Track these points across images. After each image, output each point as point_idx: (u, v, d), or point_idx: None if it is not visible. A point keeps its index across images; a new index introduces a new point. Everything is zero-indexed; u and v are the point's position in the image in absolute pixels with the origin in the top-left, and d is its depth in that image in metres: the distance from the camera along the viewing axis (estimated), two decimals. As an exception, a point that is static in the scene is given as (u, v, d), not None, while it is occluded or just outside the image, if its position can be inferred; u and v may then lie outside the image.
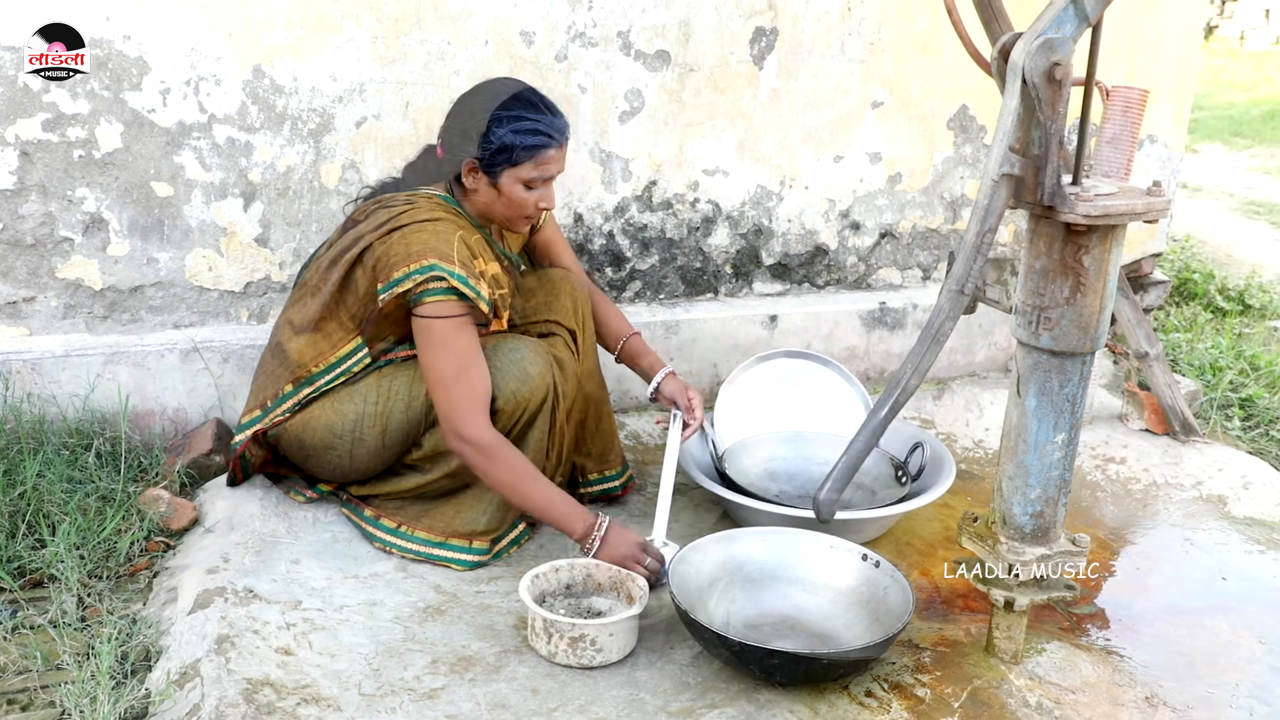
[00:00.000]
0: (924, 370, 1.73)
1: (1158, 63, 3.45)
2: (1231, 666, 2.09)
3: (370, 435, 2.26)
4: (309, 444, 2.30)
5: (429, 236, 2.15)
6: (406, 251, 2.13)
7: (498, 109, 2.18)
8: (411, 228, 2.16)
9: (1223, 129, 8.34)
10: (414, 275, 2.12)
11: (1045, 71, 1.58)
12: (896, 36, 3.14)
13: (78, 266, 2.60)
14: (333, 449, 2.29)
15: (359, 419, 2.26)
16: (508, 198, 2.22)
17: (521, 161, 2.18)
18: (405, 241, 2.14)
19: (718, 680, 1.93)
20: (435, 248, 2.13)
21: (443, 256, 2.13)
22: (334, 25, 2.62)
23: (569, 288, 2.48)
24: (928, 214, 3.36)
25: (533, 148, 2.18)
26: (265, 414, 2.31)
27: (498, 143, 2.17)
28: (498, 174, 2.20)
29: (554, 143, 2.20)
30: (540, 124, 2.19)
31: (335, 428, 2.27)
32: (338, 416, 2.26)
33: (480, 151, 2.18)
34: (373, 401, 2.26)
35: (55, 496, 2.31)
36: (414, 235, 2.15)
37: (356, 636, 2.00)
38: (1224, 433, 3.12)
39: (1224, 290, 4.42)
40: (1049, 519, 1.89)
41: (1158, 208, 1.69)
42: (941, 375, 3.39)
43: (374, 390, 2.26)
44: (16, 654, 1.93)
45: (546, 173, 2.22)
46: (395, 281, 2.13)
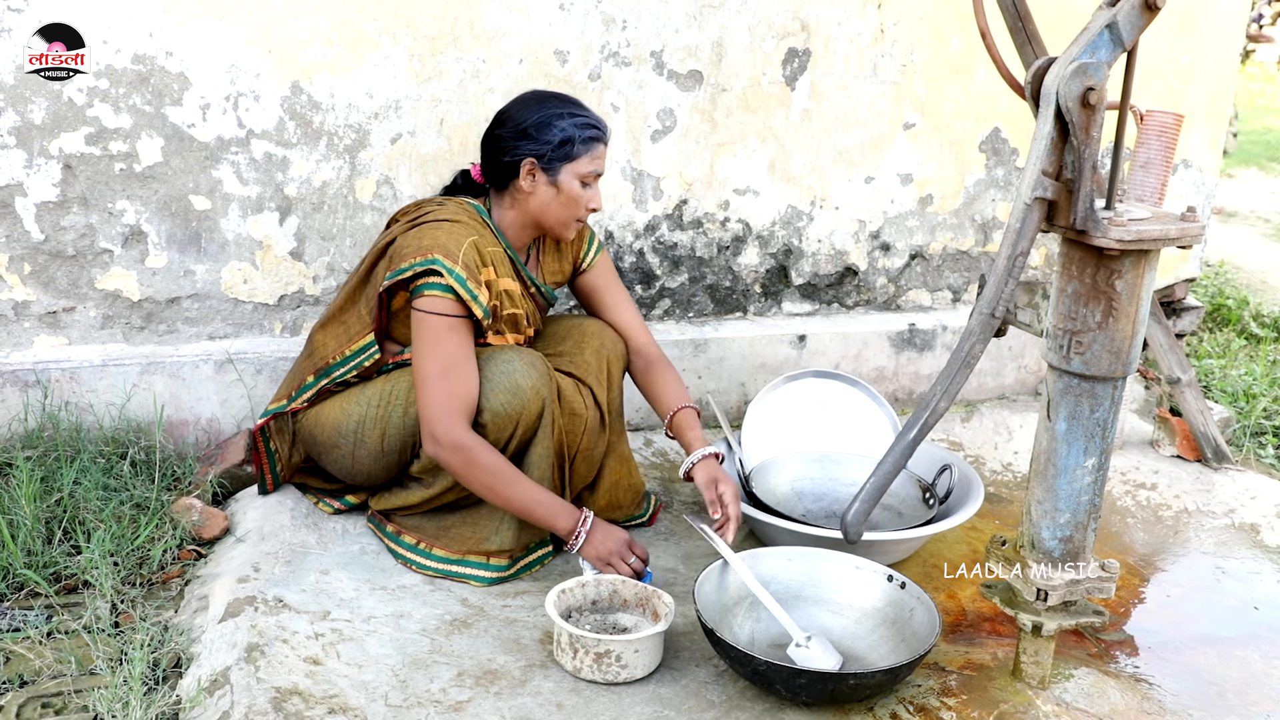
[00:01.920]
0: (954, 393, 1.72)
1: (1193, 87, 3.44)
2: (1264, 698, 2.06)
3: (370, 438, 2.29)
4: (319, 440, 2.35)
5: (442, 234, 2.19)
6: (418, 244, 2.18)
7: (549, 107, 2.24)
8: (430, 224, 2.22)
9: (1258, 154, 8.27)
10: (416, 266, 2.16)
11: (1079, 96, 1.59)
12: (929, 59, 3.14)
13: (116, 277, 2.65)
14: (338, 448, 2.33)
15: (361, 420, 2.29)
16: (566, 195, 2.25)
17: (580, 155, 2.23)
18: (419, 235, 2.20)
19: (742, 699, 1.93)
20: (444, 245, 2.17)
21: (447, 254, 2.16)
22: (371, 43, 2.65)
23: (597, 344, 2.42)
24: (958, 236, 3.36)
25: (589, 140, 2.24)
26: (289, 402, 2.37)
27: (560, 135, 2.21)
28: (557, 170, 2.24)
29: (604, 137, 2.27)
30: (591, 118, 2.26)
31: (341, 427, 2.30)
32: (344, 417, 2.30)
33: (540, 147, 2.22)
34: (375, 405, 2.28)
35: (91, 504, 2.35)
36: (429, 230, 2.20)
37: (384, 648, 2.01)
38: (1257, 460, 3.09)
39: (1258, 316, 4.37)
40: (1078, 544, 1.88)
41: (1191, 233, 1.68)
42: (970, 398, 3.38)
43: (377, 394, 2.29)
44: (51, 658, 1.96)
45: (598, 168, 2.27)
46: (400, 270, 2.18)
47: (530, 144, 2.23)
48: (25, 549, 2.20)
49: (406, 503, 2.34)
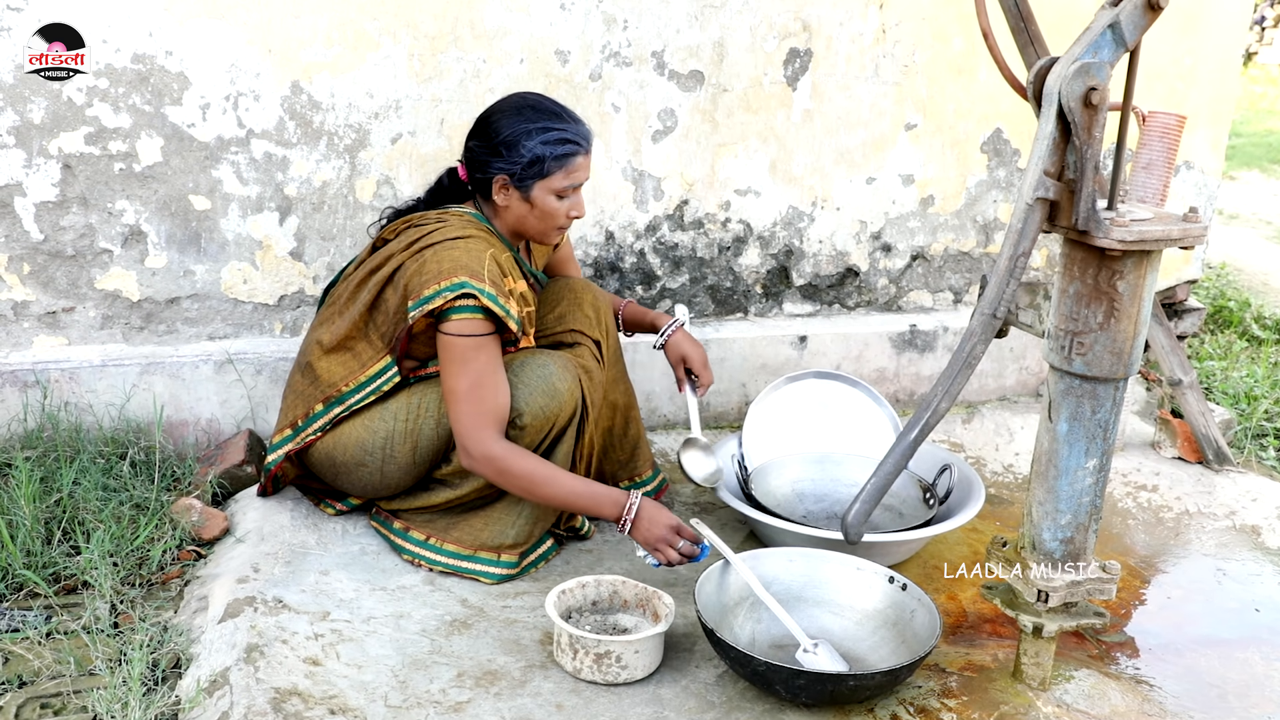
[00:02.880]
0: (954, 393, 1.72)
1: (1195, 88, 3.44)
2: (1264, 700, 2.06)
3: (401, 452, 2.27)
4: (340, 461, 2.31)
5: (460, 254, 2.15)
6: (439, 269, 2.14)
7: (523, 122, 2.20)
8: (443, 245, 2.17)
9: (1260, 156, 8.26)
10: (445, 292, 2.12)
11: (1081, 96, 1.58)
12: (931, 59, 3.14)
13: (116, 278, 2.64)
14: (364, 466, 2.30)
15: (389, 436, 2.27)
16: (541, 210, 2.24)
17: (553, 172, 2.21)
18: (437, 259, 2.15)
19: (743, 700, 1.92)
20: (467, 265, 2.14)
21: (474, 274, 2.13)
22: (372, 43, 2.65)
23: (590, 297, 2.49)
24: (960, 237, 3.36)
25: (562, 157, 2.20)
26: (296, 433, 2.32)
27: (529, 155, 2.19)
28: (529, 187, 2.22)
29: (581, 150, 2.23)
30: (567, 132, 2.21)
31: (366, 445, 2.28)
32: (369, 434, 2.27)
33: (510, 166, 2.20)
34: (403, 419, 2.27)
35: (90, 504, 2.34)
36: (446, 252, 2.16)
37: (383, 648, 2.00)
38: (1258, 462, 3.08)
39: (1260, 318, 4.37)
40: (1079, 545, 1.87)
41: (1193, 234, 1.68)
42: (971, 399, 3.37)
43: (404, 408, 2.27)
44: (50, 658, 1.96)
45: (576, 180, 2.24)
46: (426, 299, 2.13)
47: (501, 162, 2.21)
48: (24, 549, 2.20)
49: (428, 504, 2.33)
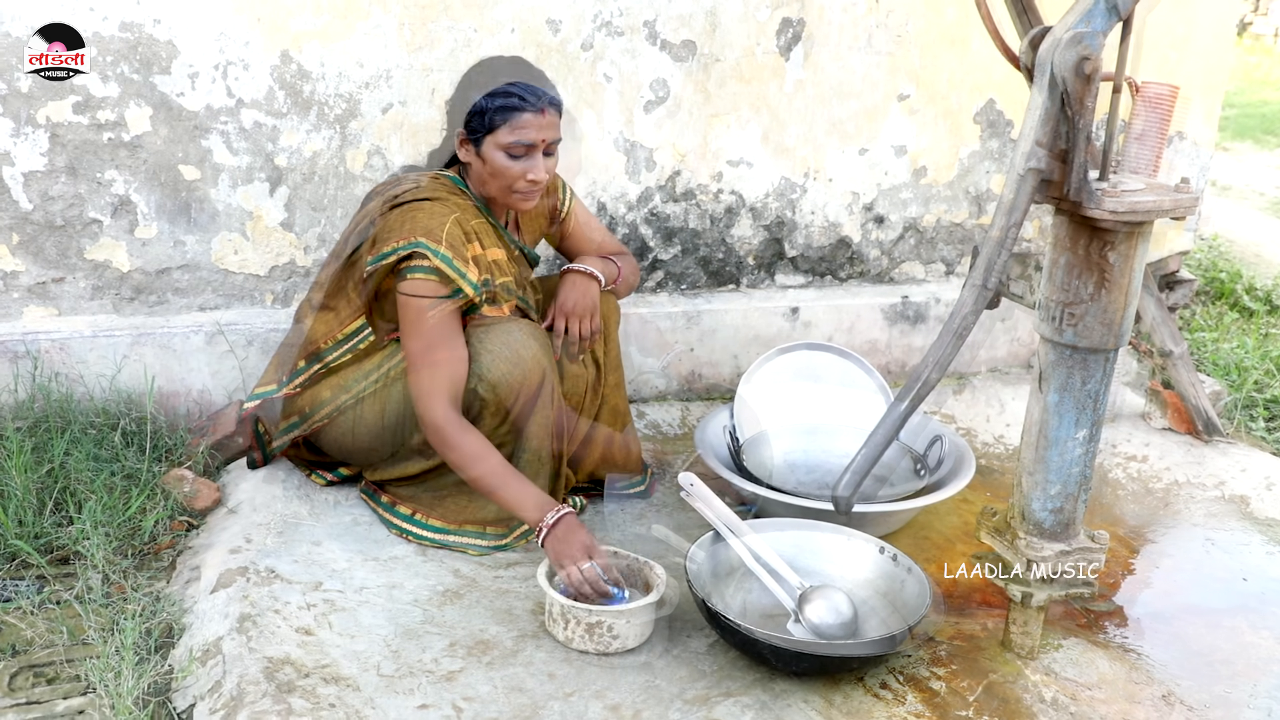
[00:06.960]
0: (945, 364, 1.72)
1: (1189, 59, 3.42)
2: (1250, 667, 2.08)
3: (370, 414, 2.29)
4: (315, 417, 2.34)
5: (422, 215, 2.16)
6: (400, 227, 2.16)
7: (478, 77, 2.22)
8: (409, 205, 2.19)
9: (1254, 127, 8.24)
10: (400, 250, 2.14)
11: (1074, 66, 1.57)
12: (924, 29, 3.12)
13: (106, 248, 2.63)
14: (336, 425, 2.32)
15: (360, 397, 2.29)
16: (492, 167, 2.21)
17: (497, 126, 2.18)
18: (401, 218, 2.17)
19: (734, 669, 1.94)
20: (425, 225, 2.15)
21: (429, 235, 2.14)
22: (362, 11, 2.63)
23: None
24: (952, 208, 3.35)
25: (504, 109, 2.16)
26: (280, 387, 2.36)
27: (475, 109, 2.18)
28: (480, 142, 2.21)
29: (527, 105, 2.17)
30: (514, 88, 2.18)
31: (339, 404, 2.30)
32: (342, 394, 2.30)
33: (463, 120, 2.21)
34: (374, 380, 2.28)
35: (82, 475, 2.34)
36: (409, 212, 2.18)
37: (376, 618, 2.01)
38: (1248, 433, 3.10)
39: (1251, 290, 4.37)
40: (1069, 515, 1.88)
41: (1185, 205, 1.68)
42: (963, 370, 3.38)
43: (376, 369, 2.29)
44: (43, 628, 1.96)
45: (524, 138, 2.18)
46: (383, 255, 2.16)
47: (456, 117, 2.23)
48: (17, 520, 2.20)
49: (405, 473, 2.33)
